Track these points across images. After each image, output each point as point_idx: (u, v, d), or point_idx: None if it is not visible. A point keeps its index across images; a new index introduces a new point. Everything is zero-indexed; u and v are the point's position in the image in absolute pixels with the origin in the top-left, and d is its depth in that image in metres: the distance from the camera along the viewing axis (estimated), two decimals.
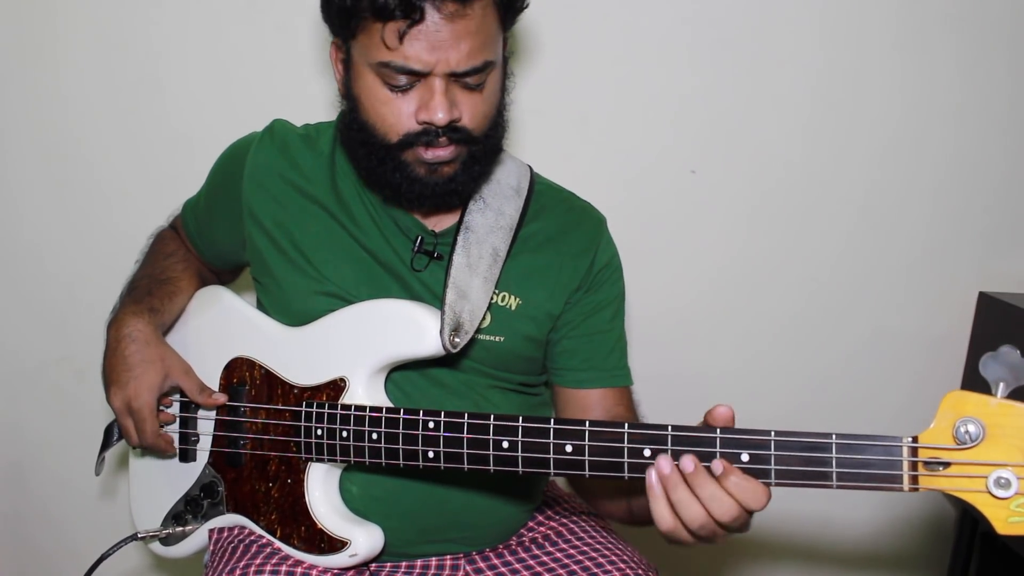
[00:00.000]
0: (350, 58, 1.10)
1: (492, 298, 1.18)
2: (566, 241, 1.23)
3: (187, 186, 1.37)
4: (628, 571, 1.18)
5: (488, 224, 1.19)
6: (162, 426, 1.23)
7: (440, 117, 1.05)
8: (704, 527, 0.89)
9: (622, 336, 1.30)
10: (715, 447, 0.89)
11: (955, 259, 1.76)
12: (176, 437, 1.26)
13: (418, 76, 1.05)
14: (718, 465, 0.87)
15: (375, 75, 1.07)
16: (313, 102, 1.65)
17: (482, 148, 1.12)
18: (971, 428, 0.81)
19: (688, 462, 0.87)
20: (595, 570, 1.18)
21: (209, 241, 1.34)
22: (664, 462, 0.89)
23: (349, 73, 1.12)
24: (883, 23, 1.66)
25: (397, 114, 1.07)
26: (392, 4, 1.00)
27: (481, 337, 1.18)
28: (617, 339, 1.29)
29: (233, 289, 1.36)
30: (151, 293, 1.26)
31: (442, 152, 1.08)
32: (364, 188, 1.19)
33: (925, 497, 1.87)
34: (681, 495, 0.88)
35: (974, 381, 1.71)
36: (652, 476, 0.90)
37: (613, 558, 1.21)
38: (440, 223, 1.20)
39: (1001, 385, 0.82)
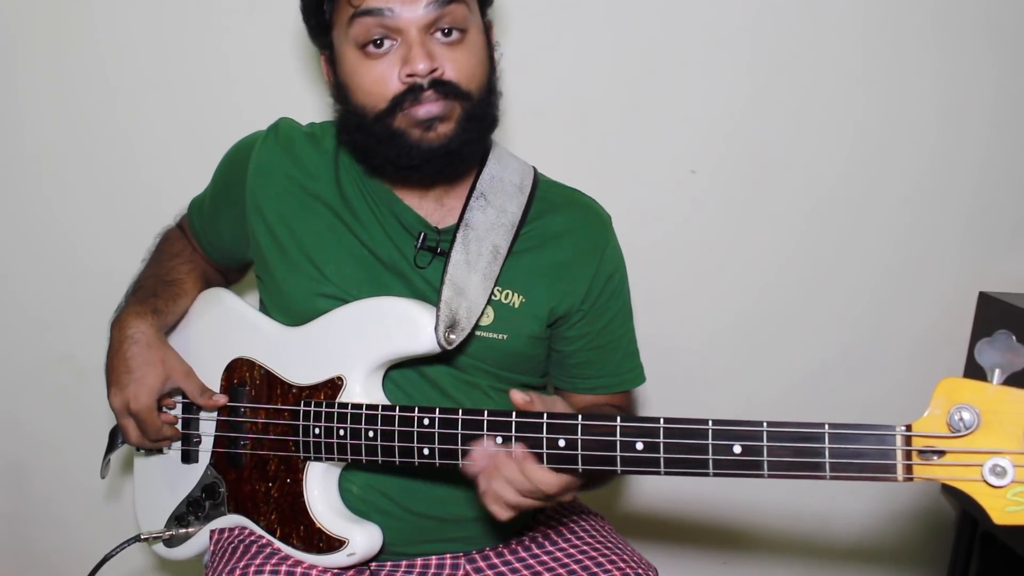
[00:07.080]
0: (334, 53, 1.13)
1: (495, 295, 1.18)
2: (571, 239, 1.23)
3: (192, 185, 1.37)
4: (628, 570, 1.18)
5: (489, 221, 1.18)
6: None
7: (421, 68, 1.05)
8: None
9: (632, 336, 1.31)
10: (707, 439, 0.90)
11: (955, 259, 1.75)
12: None
13: (392, 32, 1.06)
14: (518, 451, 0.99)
15: (354, 47, 1.08)
16: (319, 101, 1.66)
17: (477, 106, 1.11)
18: (966, 415, 0.80)
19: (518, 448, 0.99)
20: (595, 569, 1.18)
21: (214, 239, 1.34)
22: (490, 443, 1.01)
23: (336, 68, 1.14)
24: (882, 22, 1.66)
25: (382, 79, 1.08)
26: None
27: (484, 335, 1.18)
28: (628, 341, 1.29)
29: (236, 289, 1.37)
30: (156, 294, 1.27)
31: (433, 107, 1.08)
32: (368, 185, 1.20)
33: (924, 497, 1.85)
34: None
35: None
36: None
37: (613, 557, 1.20)
38: (443, 219, 1.20)
39: (997, 371, 0.80)
